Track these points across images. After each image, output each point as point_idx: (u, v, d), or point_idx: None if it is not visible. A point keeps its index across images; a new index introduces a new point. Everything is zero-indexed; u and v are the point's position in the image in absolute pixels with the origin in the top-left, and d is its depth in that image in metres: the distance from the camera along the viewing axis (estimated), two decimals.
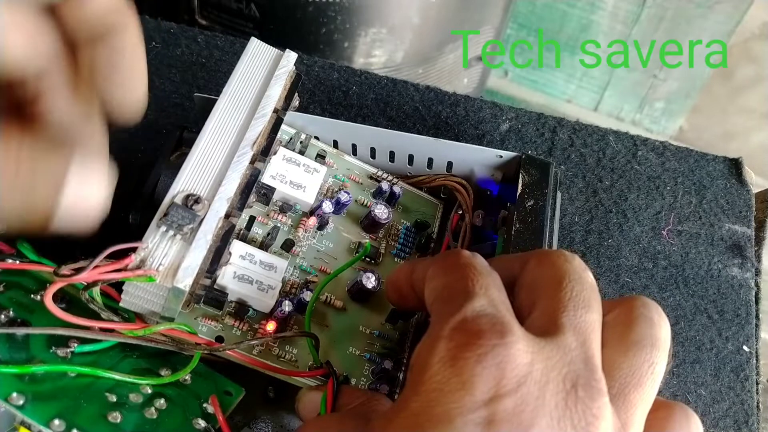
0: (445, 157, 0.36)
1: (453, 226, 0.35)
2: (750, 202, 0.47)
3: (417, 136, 0.36)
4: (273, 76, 0.31)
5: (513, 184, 0.35)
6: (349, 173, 0.35)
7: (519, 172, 0.35)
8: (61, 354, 0.25)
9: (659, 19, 1.08)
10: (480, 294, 0.20)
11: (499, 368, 0.18)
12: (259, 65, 0.31)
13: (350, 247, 0.33)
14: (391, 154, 0.37)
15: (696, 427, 0.22)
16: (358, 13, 0.60)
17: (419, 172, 0.37)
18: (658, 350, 0.21)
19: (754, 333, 0.42)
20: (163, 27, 0.50)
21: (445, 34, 0.68)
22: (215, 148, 0.28)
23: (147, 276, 0.24)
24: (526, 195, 0.34)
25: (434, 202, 0.37)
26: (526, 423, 0.18)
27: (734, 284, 0.43)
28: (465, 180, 0.37)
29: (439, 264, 0.23)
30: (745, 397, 0.39)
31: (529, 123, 0.48)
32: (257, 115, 0.29)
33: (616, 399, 0.20)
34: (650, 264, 0.43)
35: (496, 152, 0.36)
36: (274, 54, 0.32)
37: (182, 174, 0.27)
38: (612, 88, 1.22)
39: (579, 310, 0.20)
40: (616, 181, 0.46)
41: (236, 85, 0.30)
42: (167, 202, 0.26)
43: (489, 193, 0.38)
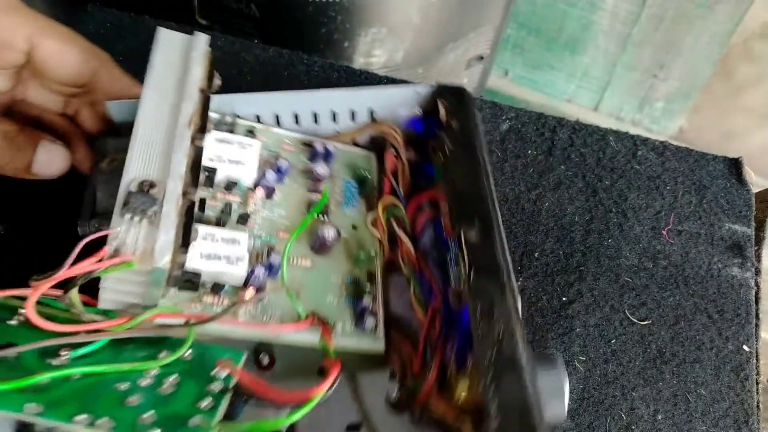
0: (366, 106, 0.37)
1: (391, 166, 0.37)
2: (750, 201, 0.47)
3: (333, 91, 0.36)
4: (189, 59, 0.31)
5: (435, 117, 0.36)
6: (281, 143, 0.36)
7: (437, 102, 0.36)
8: (57, 363, 0.25)
9: (659, 19, 1.08)
10: None
11: None
12: (173, 52, 0.31)
13: (301, 209, 0.34)
14: (314, 116, 0.37)
15: None
16: (358, 12, 0.60)
17: (346, 128, 0.38)
18: None
19: (754, 332, 0.42)
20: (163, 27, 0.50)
21: (446, 34, 0.68)
22: (153, 136, 0.28)
23: (125, 262, 0.24)
24: (451, 118, 0.35)
25: (367, 153, 0.39)
26: None
27: (734, 284, 0.43)
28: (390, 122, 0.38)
29: None
30: (745, 397, 0.39)
31: (529, 123, 0.48)
32: (185, 97, 0.30)
33: None
34: (650, 264, 0.43)
35: (412, 88, 0.37)
36: (185, 39, 0.32)
37: (129, 165, 0.27)
38: (612, 87, 1.22)
39: None
40: (616, 181, 0.46)
41: (156, 75, 0.30)
42: (123, 193, 0.26)
43: (415, 131, 0.39)
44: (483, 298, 0.28)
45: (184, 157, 0.28)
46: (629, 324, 0.41)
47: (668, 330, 0.41)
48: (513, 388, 0.25)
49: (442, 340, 0.30)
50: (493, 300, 0.28)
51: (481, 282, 0.28)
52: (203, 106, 0.30)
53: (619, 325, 0.40)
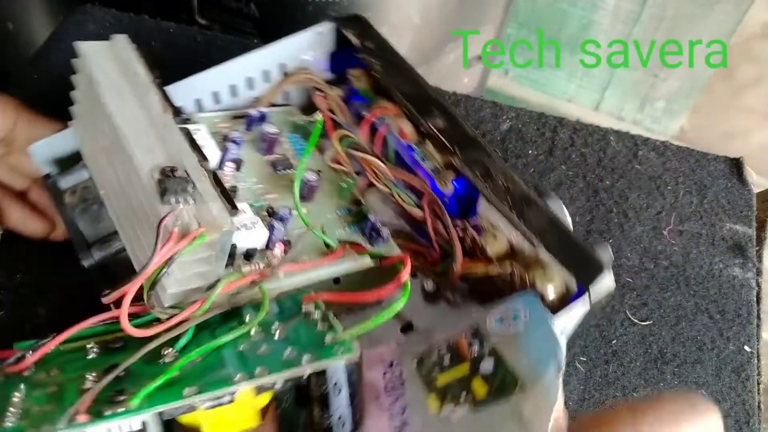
0: (277, 63, 0.39)
1: (324, 105, 0.39)
2: (751, 201, 0.47)
3: (242, 57, 0.37)
4: (125, 60, 0.32)
5: (344, 50, 0.39)
6: (215, 124, 0.37)
7: (343, 33, 0.39)
8: (168, 360, 0.26)
9: (660, 18, 1.08)
10: None
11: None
12: (106, 61, 0.32)
13: (270, 173, 0.36)
14: (232, 89, 0.38)
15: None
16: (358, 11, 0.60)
17: (263, 91, 0.39)
18: None
19: (755, 333, 0.41)
20: (163, 27, 0.50)
21: (445, 34, 0.68)
22: (141, 132, 0.29)
23: (198, 236, 0.25)
24: (364, 40, 0.38)
25: (289, 108, 0.40)
26: None
27: (735, 284, 0.43)
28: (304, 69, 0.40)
29: None
30: (747, 398, 0.39)
31: (530, 122, 0.48)
32: (145, 92, 0.30)
33: None
34: (651, 264, 0.43)
35: (313, 30, 0.39)
36: (109, 45, 0.32)
37: (137, 160, 0.27)
38: (613, 87, 1.22)
39: None
40: (617, 181, 0.46)
41: (107, 84, 0.30)
42: (153, 184, 0.26)
43: (330, 70, 0.41)
44: (477, 165, 0.33)
45: (181, 137, 0.29)
46: (630, 324, 0.40)
47: (669, 330, 0.40)
48: (537, 214, 0.31)
49: (448, 220, 0.35)
50: (485, 162, 0.33)
51: (468, 153, 0.34)
52: (164, 93, 0.31)
53: (620, 326, 0.40)
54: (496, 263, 0.33)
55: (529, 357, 0.27)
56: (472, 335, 0.30)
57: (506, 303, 0.31)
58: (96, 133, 0.31)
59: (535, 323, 0.29)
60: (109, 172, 0.30)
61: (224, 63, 0.37)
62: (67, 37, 0.49)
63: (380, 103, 0.38)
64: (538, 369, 0.27)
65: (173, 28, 0.50)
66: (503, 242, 0.34)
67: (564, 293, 0.31)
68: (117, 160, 0.29)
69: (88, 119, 0.32)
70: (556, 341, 0.28)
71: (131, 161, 0.27)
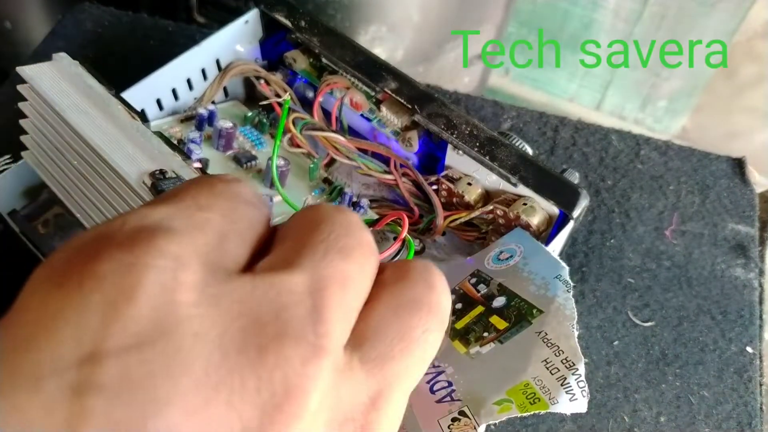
0: (212, 58, 0.39)
1: (268, 91, 0.39)
2: (753, 201, 0.46)
3: (178, 58, 0.37)
4: (76, 76, 0.31)
5: (275, 35, 0.40)
6: (166, 130, 0.37)
7: (273, 18, 0.39)
8: None
9: (661, 17, 1.08)
10: (179, 203, 0.15)
11: (118, 300, 0.12)
12: (55, 82, 0.31)
13: (236, 168, 0.37)
14: (174, 93, 0.38)
15: None
16: (358, 10, 0.59)
17: (203, 90, 0.39)
18: (435, 316, 0.17)
19: (758, 334, 0.41)
20: (161, 25, 0.50)
21: (446, 33, 0.67)
22: (114, 143, 0.29)
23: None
24: (295, 20, 0.38)
25: (232, 102, 0.41)
26: (150, 392, 0.12)
27: (738, 285, 0.43)
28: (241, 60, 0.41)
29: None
30: (749, 399, 0.38)
31: (531, 122, 0.48)
32: (106, 104, 0.30)
33: (375, 362, 0.16)
34: (653, 264, 0.43)
35: (239, 21, 0.39)
36: (53, 65, 0.32)
37: (122, 170, 0.27)
38: (614, 86, 1.21)
39: (331, 255, 0.15)
40: (619, 181, 0.46)
41: (67, 104, 0.30)
42: (145, 191, 0.26)
43: (265, 57, 0.42)
44: (438, 117, 0.35)
45: (158, 140, 0.28)
46: (632, 325, 0.40)
47: (671, 331, 0.40)
48: (506, 152, 0.34)
49: (420, 177, 0.37)
50: (445, 114, 0.35)
51: (427, 108, 0.35)
52: (125, 102, 0.31)
53: (622, 327, 0.40)
54: (476, 208, 0.35)
55: (536, 283, 0.29)
56: (476, 279, 0.30)
57: (498, 244, 0.32)
58: (61, 156, 0.31)
59: (530, 253, 0.31)
60: (86, 193, 0.30)
61: (161, 67, 0.37)
62: (66, 35, 0.49)
63: (327, 78, 0.38)
64: (547, 292, 0.28)
65: (172, 27, 0.50)
66: (479, 187, 0.36)
67: (548, 220, 0.34)
68: (95, 177, 0.29)
69: (47, 145, 0.32)
70: (556, 262, 0.29)
71: (116, 173, 0.27)
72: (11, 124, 0.33)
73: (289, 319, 0.14)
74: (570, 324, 0.26)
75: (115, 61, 0.47)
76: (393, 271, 0.18)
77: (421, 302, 0.17)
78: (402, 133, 0.37)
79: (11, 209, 0.35)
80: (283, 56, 0.40)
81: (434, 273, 0.18)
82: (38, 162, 0.33)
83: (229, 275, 0.14)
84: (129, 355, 0.12)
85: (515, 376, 0.26)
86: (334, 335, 0.14)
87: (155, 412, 0.12)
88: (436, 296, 0.17)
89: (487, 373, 0.27)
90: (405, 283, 0.17)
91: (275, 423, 0.13)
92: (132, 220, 0.14)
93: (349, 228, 0.16)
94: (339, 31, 0.38)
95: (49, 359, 0.12)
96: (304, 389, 0.13)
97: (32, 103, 0.31)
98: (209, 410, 0.12)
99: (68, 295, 0.12)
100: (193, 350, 0.12)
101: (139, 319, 0.12)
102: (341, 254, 0.16)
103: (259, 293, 0.14)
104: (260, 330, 0.13)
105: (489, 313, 0.29)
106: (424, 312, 0.17)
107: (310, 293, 0.14)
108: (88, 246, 0.13)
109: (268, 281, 0.14)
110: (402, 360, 0.16)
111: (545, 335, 0.27)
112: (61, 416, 0.12)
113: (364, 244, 0.16)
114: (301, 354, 0.13)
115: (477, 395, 0.26)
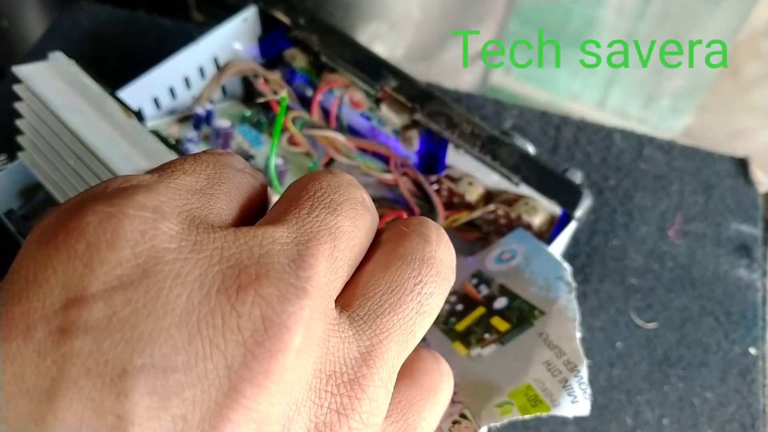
0: (209, 56, 0.39)
1: (266, 89, 0.39)
2: (757, 201, 0.46)
3: (175, 55, 0.37)
4: (71, 74, 0.31)
5: (274, 32, 0.40)
6: (165, 130, 0.37)
7: (272, 16, 0.39)
8: None
9: (664, 15, 1.07)
10: (175, 171, 0.15)
11: (100, 246, 0.13)
12: (52, 81, 0.31)
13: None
14: (171, 92, 0.38)
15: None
16: (358, 8, 0.59)
17: (201, 88, 0.39)
18: (430, 268, 0.16)
19: (761, 335, 0.41)
20: (158, 23, 0.50)
21: (447, 30, 0.67)
22: (110, 142, 0.28)
23: None
24: (295, 18, 0.38)
25: (230, 102, 0.41)
26: (135, 330, 0.12)
27: (741, 285, 0.42)
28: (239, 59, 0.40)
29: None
30: (752, 401, 0.38)
31: (533, 121, 0.47)
32: (101, 102, 0.30)
33: (365, 320, 0.15)
34: (656, 265, 0.42)
35: (237, 18, 0.39)
36: (48, 65, 0.32)
37: (118, 170, 0.27)
38: (617, 85, 1.21)
39: (317, 210, 0.15)
40: (622, 181, 0.46)
41: (63, 103, 0.30)
42: None
43: (263, 55, 0.41)
44: (439, 116, 0.35)
45: (154, 139, 0.28)
46: (635, 327, 0.40)
47: (674, 333, 0.40)
48: (508, 151, 0.34)
49: (421, 177, 0.37)
50: (446, 113, 0.35)
51: (428, 106, 0.35)
52: (120, 100, 0.31)
53: (625, 328, 0.40)
54: (478, 208, 0.35)
55: (538, 284, 0.28)
56: (477, 280, 0.30)
57: (500, 244, 0.32)
58: (58, 156, 0.31)
59: (532, 254, 0.30)
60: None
61: (159, 66, 0.36)
62: (63, 33, 0.48)
63: (326, 77, 0.38)
64: (549, 293, 0.28)
65: (169, 25, 0.49)
66: (480, 186, 0.35)
67: (550, 220, 0.33)
68: (91, 177, 0.29)
69: (43, 144, 0.31)
70: (558, 263, 0.29)
71: (112, 172, 0.27)
72: (7, 124, 0.33)
73: (271, 262, 0.14)
74: (572, 325, 0.26)
75: (113, 59, 0.47)
76: (390, 230, 0.17)
77: (413, 255, 0.16)
78: (402, 132, 0.37)
79: (8, 209, 0.34)
80: (282, 54, 0.40)
81: (429, 226, 0.17)
82: (35, 162, 0.33)
83: (212, 228, 0.14)
84: (112, 297, 0.13)
85: (517, 378, 0.26)
86: (318, 280, 0.14)
87: (141, 349, 0.12)
88: (430, 248, 0.17)
89: (488, 375, 0.26)
90: (398, 239, 0.17)
91: (258, 359, 0.13)
92: (115, 181, 0.14)
93: (339, 186, 0.16)
94: (338, 28, 0.38)
95: (39, 307, 0.12)
96: (284, 326, 0.13)
97: (28, 103, 0.31)
98: (193, 347, 0.12)
99: (55, 248, 0.13)
100: (174, 290, 0.13)
101: (121, 263, 0.13)
102: (329, 209, 0.16)
103: (241, 242, 0.14)
104: (241, 272, 0.13)
105: (490, 314, 0.28)
106: (416, 264, 0.16)
107: (295, 244, 0.14)
108: (74, 206, 0.14)
109: (252, 233, 0.14)
110: (393, 314, 0.15)
111: (547, 337, 0.26)
112: (51, 359, 0.12)
113: (355, 199, 0.16)
114: (280, 293, 0.13)
115: (478, 397, 0.26)
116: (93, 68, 0.31)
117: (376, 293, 0.16)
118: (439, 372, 0.18)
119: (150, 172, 0.15)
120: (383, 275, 0.16)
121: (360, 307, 0.15)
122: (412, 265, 0.16)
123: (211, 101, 0.39)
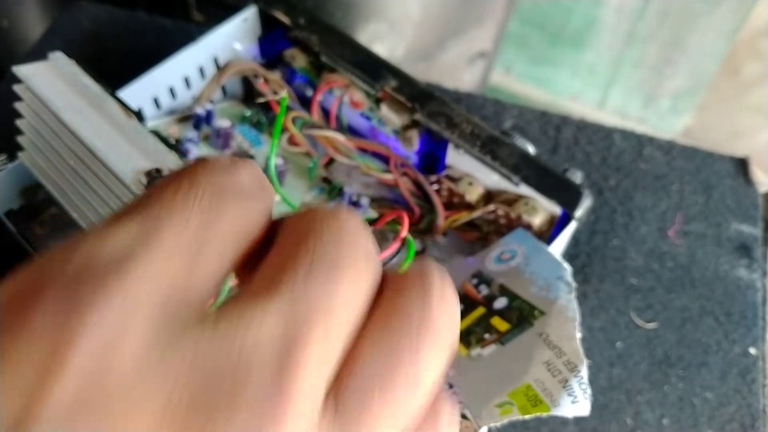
0: (210, 56, 0.39)
1: (266, 89, 0.39)
2: (757, 201, 0.46)
3: (175, 55, 0.37)
4: (71, 74, 0.31)
5: (274, 32, 0.40)
6: (165, 129, 0.37)
7: (272, 15, 0.39)
8: None
9: (664, 15, 1.07)
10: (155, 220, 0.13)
11: (48, 364, 0.11)
12: (52, 81, 0.31)
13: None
14: (171, 92, 0.38)
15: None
16: (358, 8, 0.59)
17: (201, 89, 0.39)
18: (430, 351, 0.14)
19: (761, 335, 0.41)
20: (158, 23, 0.50)
21: (447, 30, 0.67)
22: (109, 141, 0.28)
23: None
24: (295, 18, 0.38)
25: (230, 102, 0.41)
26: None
27: (741, 285, 0.42)
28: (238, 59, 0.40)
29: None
30: (752, 401, 0.38)
31: (533, 121, 0.47)
32: (101, 101, 0.30)
33: (351, 417, 0.13)
34: (656, 265, 0.42)
35: (237, 18, 0.39)
36: (48, 65, 0.32)
37: (117, 168, 0.27)
38: (617, 85, 1.21)
39: (315, 273, 0.13)
40: (622, 180, 0.46)
41: (62, 103, 0.30)
42: (141, 190, 0.26)
43: (263, 55, 0.41)
44: (439, 116, 0.35)
45: (154, 139, 0.28)
46: (635, 327, 0.40)
47: (674, 333, 0.40)
48: (508, 151, 0.34)
49: (421, 177, 0.37)
50: (446, 112, 0.35)
51: (428, 106, 0.35)
52: (120, 100, 0.31)
53: (625, 328, 0.40)
54: (478, 208, 0.35)
55: (538, 284, 0.28)
56: (477, 280, 0.30)
57: (500, 244, 0.32)
58: (58, 156, 0.30)
59: (532, 254, 0.30)
60: (82, 193, 0.30)
61: (159, 66, 0.36)
62: (63, 33, 0.48)
63: (326, 77, 0.38)
64: (549, 293, 0.28)
65: (169, 25, 0.49)
66: (480, 186, 0.35)
67: (550, 220, 0.33)
68: (91, 177, 0.29)
69: (43, 144, 0.31)
70: (558, 263, 0.29)
71: (112, 172, 0.27)
72: (7, 124, 0.33)
73: (251, 364, 0.12)
74: (572, 325, 0.26)
75: (112, 59, 0.47)
76: (389, 288, 0.15)
77: (409, 332, 0.14)
78: (402, 132, 0.37)
79: (8, 209, 0.34)
80: (282, 54, 0.40)
81: (432, 286, 0.15)
82: (35, 162, 0.32)
83: (186, 325, 0.12)
84: (59, 427, 0.10)
85: (517, 378, 0.26)
86: (301, 400, 0.12)
87: None
88: (433, 315, 0.14)
89: (488, 375, 0.26)
90: (395, 307, 0.14)
91: None
92: (80, 253, 0.12)
93: (342, 238, 0.14)
94: (338, 28, 0.38)
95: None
96: None
97: (28, 103, 0.31)
98: None
99: (4, 344, 0.11)
100: (134, 421, 0.11)
101: (71, 387, 0.11)
102: (328, 273, 0.13)
103: (219, 340, 0.12)
104: (212, 389, 0.11)
105: (490, 314, 0.29)
106: (411, 343, 0.14)
107: (284, 332, 0.12)
108: (30, 284, 0.12)
109: (235, 322, 0.12)
110: (382, 413, 0.13)
111: (547, 337, 0.26)
112: None
113: (359, 255, 0.14)
114: (257, 420, 0.11)
115: (478, 397, 0.26)
116: (93, 68, 0.31)
117: (364, 386, 0.13)
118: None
119: (129, 212, 0.13)
120: (375, 362, 0.14)
121: (349, 402, 0.13)
122: (407, 352, 0.14)
123: (211, 101, 0.39)
